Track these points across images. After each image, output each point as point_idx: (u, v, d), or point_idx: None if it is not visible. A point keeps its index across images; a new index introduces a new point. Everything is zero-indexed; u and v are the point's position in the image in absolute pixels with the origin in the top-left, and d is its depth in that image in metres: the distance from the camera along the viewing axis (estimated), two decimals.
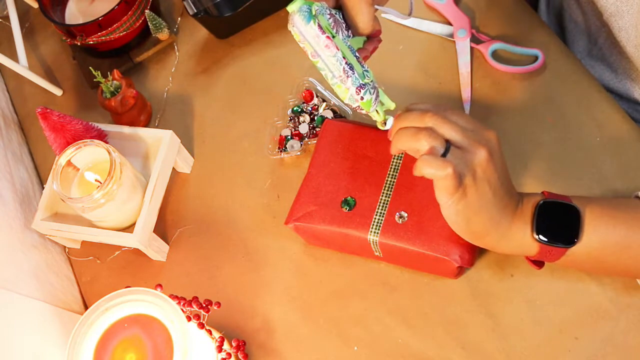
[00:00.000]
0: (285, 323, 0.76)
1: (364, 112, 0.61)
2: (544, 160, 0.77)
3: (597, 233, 0.60)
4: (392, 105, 0.64)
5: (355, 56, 0.60)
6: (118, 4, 0.90)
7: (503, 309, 0.70)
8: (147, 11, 0.93)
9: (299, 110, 0.85)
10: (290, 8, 0.58)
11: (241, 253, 0.81)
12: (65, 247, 0.87)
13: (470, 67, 0.83)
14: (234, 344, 0.71)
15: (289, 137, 0.84)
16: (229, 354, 0.68)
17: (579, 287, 0.69)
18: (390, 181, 0.72)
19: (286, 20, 0.60)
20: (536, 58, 0.81)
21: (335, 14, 0.61)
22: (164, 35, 0.95)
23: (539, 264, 0.64)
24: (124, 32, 0.93)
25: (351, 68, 0.58)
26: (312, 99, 0.85)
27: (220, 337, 0.69)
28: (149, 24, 0.93)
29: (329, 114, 0.83)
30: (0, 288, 0.72)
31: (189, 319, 0.66)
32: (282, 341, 0.75)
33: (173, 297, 0.67)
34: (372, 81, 0.60)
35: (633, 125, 0.76)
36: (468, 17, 0.86)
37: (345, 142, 0.75)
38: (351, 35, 0.62)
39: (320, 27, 0.57)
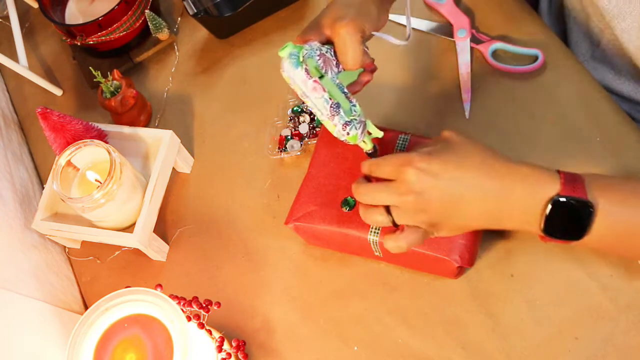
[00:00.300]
0: (285, 323, 0.76)
1: (351, 143, 0.65)
2: (544, 160, 0.76)
3: (609, 221, 0.59)
4: (379, 134, 0.66)
5: (344, 92, 0.64)
6: (118, 4, 0.90)
7: (503, 309, 0.70)
8: (147, 11, 0.93)
9: (299, 110, 0.85)
10: (281, 54, 0.63)
11: (241, 253, 0.81)
12: (65, 247, 0.87)
13: (470, 67, 0.83)
14: (234, 344, 0.71)
15: (289, 137, 0.84)
16: (229, 354, 0.68)
17: (579, 287, 0.69)
18: None
19: (286, 20, 0.62)
20: (536, 58, 0.81)
21: (326, 52, 0.64)
22: (164, 35, 0.95)
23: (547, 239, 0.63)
24: (124, 32, 0.93)
25: (338, 107, 0.62)
26: None
27: (220, 337, 0.69)
28: (149, 24, 0.93)
29: None
30: (0, 288, 0.72)
31: (189, 319, 0.66)
32: (282, 341, 0.75)
33: (173, 297, 0.67)
34: (359, 116, 0.64)
35: (633, 126, 0.76)
36: (468, 17, 0.86)
37: (345, 141, 0.75)
38: (342, 70, 0.65)
39: (307, 72, 0.61)
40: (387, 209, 0.62)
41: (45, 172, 0.94)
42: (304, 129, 0.84)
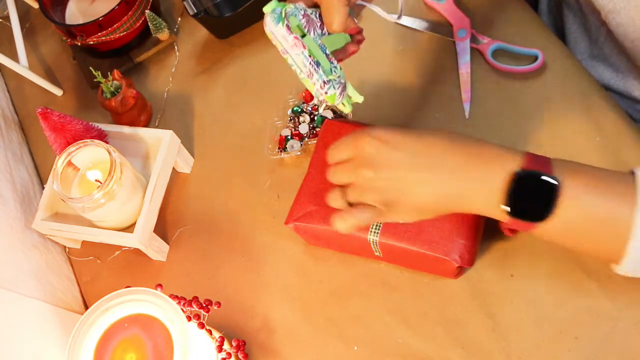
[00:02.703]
0: (285, 323, 0.76)
1: (329, 104, 0.65)
2: None
3: (576, 205, 0.56)
4: (360, 99, 0.67)
5: (325, 54, 0.64)
6: (118, 4, 0.90)
7: (503, 309, 0.70)
8: (147, 11, 0.93)
9: (299, 110, 0.85)
10: (265, 9, 0.64)
11: (241, 253, 0.81)
12: (65, 247, 0.88)
13: (470, 67, 0.83)
14: (234, 344, 0.71)
15: (289, 137, 0.84)
16: (229, 354, 0.68)
17: (579, 287, 0.69)
18: None
19: None
20: (536, 58, 0.81)
21: (311, 13, 0.65)
22: (164, 35, 0.96)
23: (512, 231, 0.61)
24: (124, 33, 0.93)
25: (317, 65, 0.63)
26: (312, 99, 0.85)
27: (220, 337, 0.69)
28: (149, 24, 0.94)
29: (329, 114, 0.83)
30: (0, 288, 0.72)
31: (189, 319, 0.66)
32: (282, 341, 0.75)
33: (173, 297, 0.67)
34: (339, 77, 0.64)
35: (633, 126, 0.76)
36: (468, 17, 0.86)
37: None
38: (326, 34, 0.66)
39: (288, 27, 0.62)
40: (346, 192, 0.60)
41: (45, 172, 0.94)
42: (304, 129, 0.84)
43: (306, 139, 0.83)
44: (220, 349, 0.68)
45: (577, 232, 0.58)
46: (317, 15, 0.65)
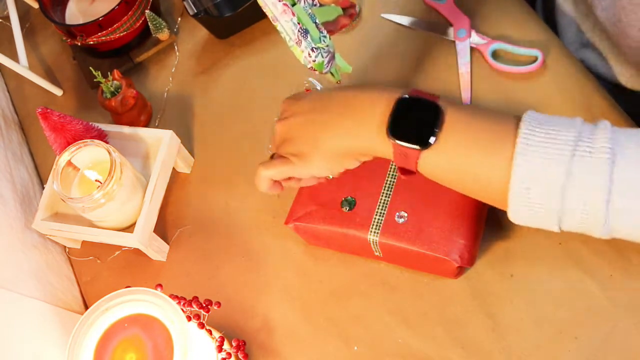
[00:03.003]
0: (285, 323, 0.76)
1: (317, 72, 0.67)
2: None
3: (459, 130, 0.56)
4: (348, 69, 0.69)
5: (315, 22, 0.65)
6: (118, 4, 0.90)
7: (503, 309, 0.70)
8: (147, 11, 0.93)
9: None
10: None
11: (241, 253, 0.81)
12: (65, 247, 0.88)
13: (470, 67, 0.83)
14: (234, 344, 0.71)
15: None
16: (229, 354, 0.68)
17: (579, 287, 0.69)
18: (390, 181, 0.72)
19: None
20: (536, 58, 0.81)
21: None
22: (164, 35, 0.96)
23: (404, 171, 0.61)
24: (124, 33, 0.93)
25: (306, 33, 0.64)
26: None
27: (220, 337, 0.69)
28: (149, 24, 0.94)
29: None
30: (0, 288, 0.72)
31: (189, 319, 0.66)
32: (282, 341, 0.75)
33: (173, 297, 0.67)
34: (327, 46, 0.65)
35: (633, 125, 0.76)
36: (468, 17, 0.86)
37: None
38: (317, 4, 0.67)
39: None
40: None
41: (45, 172, 0.94)
42: None
43: None
44: (220, 349, 0.68)
45: (460, 164, 0.57)
46: None
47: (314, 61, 0.65)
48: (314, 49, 0.64)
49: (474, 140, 0.56)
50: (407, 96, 0.58)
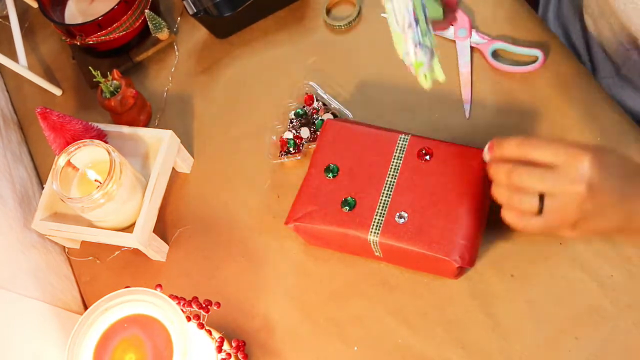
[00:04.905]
0: (285, 323, 0.76)
1: (412, 71, 0.62)
2: None
3: None
4: (442, 77, 0.64)
5: (425, 15, 0.61)
6: (118, 4, 0.90)
7: (503, 309, 0.70)
8: (146, 11, 0.93)
9: (302, 113, 0.84)
10: None
11: (241, 253, 0.81)
12: (64, 247, 0.87)
13: (470, 67, 0.83)
14: (234, 344, 0.71)
15: (290, 139, 0.83)
16: (229, 354, 0.68)
17: (579, 287, 0.69)
18: (390, 181, 0.72)
19: (286, 20, 0.61)
20: (536, 58, 0.81)
21: None
22: (163, 35, 0.95)
23: None
24: (124, 32, 0.93)
25: (417, 22, 0.59)
26: (312, 103, 0.85)
27: (220, 337, 0.69)
28: (149, 23, 0.93)
29: (329, 117, 0.83)
30: (0, 288, 0.72)
31: (188, 319, 0.66)
32: (282, 341, 0.75)
33: (173, 297, 0.66)
34: (431, 44, 0.61)
35: (633, 126, 0.76)
36: (468, 17, 0.86)
37: (345, 142, 0.75)
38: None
39: None
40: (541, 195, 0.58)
41: (44, 172, 0.94)
42: (305, 133, 0.83)
43: (305, 143, 0.83)
44: (220, 349, 0.68)
45: None
46: None
47: (416, 55, 0.60)
48: (419, 46, 0.60)
49: None
50: None
